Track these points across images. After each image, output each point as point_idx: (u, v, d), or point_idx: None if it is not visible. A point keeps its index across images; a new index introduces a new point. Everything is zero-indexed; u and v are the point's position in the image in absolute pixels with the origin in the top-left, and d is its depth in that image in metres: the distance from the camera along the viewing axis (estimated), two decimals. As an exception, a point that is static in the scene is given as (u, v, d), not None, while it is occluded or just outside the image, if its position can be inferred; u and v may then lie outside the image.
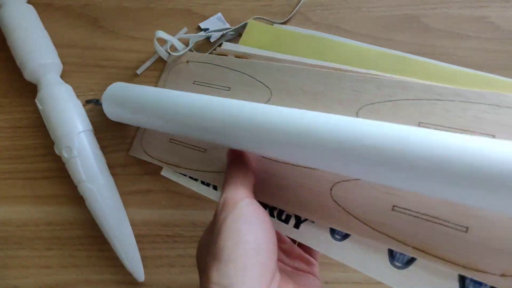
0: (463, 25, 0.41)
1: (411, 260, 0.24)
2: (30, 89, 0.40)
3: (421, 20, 0.41)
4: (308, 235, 0.28)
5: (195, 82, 0.37)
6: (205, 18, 0.42)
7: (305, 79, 0.32)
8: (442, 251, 0.23)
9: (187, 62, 0.38)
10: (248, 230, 0.24)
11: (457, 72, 0.32)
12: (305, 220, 0.28)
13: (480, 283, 0.22)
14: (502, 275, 0.21)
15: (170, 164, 0.36)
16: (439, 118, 0.26)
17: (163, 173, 0.37)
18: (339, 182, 0.27)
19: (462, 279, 0.23)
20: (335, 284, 0.36)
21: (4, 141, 0.39)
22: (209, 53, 0.40)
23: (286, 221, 0.29)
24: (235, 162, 0.29)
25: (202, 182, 0.35)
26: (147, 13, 0.42)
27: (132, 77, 0.40)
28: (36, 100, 0.37)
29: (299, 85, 0.32)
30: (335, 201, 0.27)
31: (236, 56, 0.37)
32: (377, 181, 0.22)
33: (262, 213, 0.25)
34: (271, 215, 0.29)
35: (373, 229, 0.25)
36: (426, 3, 0.41)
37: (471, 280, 0.22)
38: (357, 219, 0.26)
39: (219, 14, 0.42)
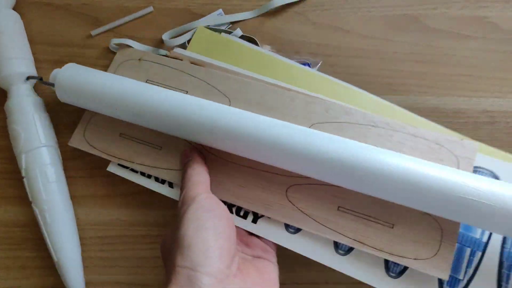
0: (463, 25, 0.41)
1: (351, 249, 0.31)
2: (29, 89, 0.39)
3: (421, 20, 0.41)
4: (265, 229, 0.33)
5: (149, 81, 0.37)
6: (205, 18, 0.42)
7: (262, 94, 0.35)
8: (374, 242, 0.30)
9: (140, 60, 0.38)
10: (208, 218, 0.27)
11: (381, 104, 0.37)
12: (262, 216, 0.33)
13: (398, 264, 0.30)
14: (415, 259, 0.29)
15: (121, 159, 0.36)
16: (373, 140, 0.32)
17: (109, 168, 0.37)
18: (293, 185, 0.33)
19: (386, 261, 0.31)
20: (336, 285, 0.36)
21: (3, 140, 0.39)
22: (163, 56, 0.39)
23: (244, 217, 0.33)
24: (192, 162, 0.32)
25: (156, 179, 0.36)
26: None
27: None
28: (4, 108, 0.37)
29: (256, 99, 0.35)
30: (290, 201, 0.32)
31: (192, 63, 0.37)
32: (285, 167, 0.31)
33: (220, 204, 0.29)
34: (230, 211, 0.33)
35: (321, 224, 0.31)
36: (426, 3, 0.41)
37: (392, 262, 0.31)
38: (308, 216, 0.32)
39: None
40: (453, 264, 0.30)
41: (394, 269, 0.31)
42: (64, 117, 0.39)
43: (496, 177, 0.32)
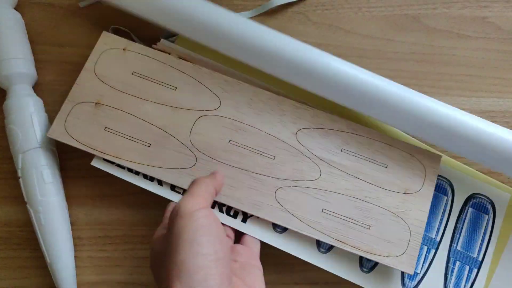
0: (464, 25, 0.41)
1: (331, 247, 0.35)
2: (30, 89, 0.39)
3: (421, 20, 0.41)
4: (254, 228, 0.34)
5: (135, 73, 0.36)
6: (205, 18, 0.42)
7: (251, 95, 0.36)
8: (353, 241, 0.34)
9: (124, 49, 0.37)
10: (207, 243, 0.26)
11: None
12: (251, 216, 0.35)
13: (370, 261, 0.35)
14: (387, 256, 0.34)
15: (107, 154, 0.35)
16: (354, 147, 0.36)
17: (93, 163, 0.35)
18: (281, 187, 0.35)
19: (360, 259, 0.35)
20: (335, 285, 0.36)
21: (1, 140, 0.39)
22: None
23: (234, 216, 0.35)
24: (210, 175, 0.33)
25: (145, 176, 0.35)
26: (147, 13, 0.42)
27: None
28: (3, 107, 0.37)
29: (245, 100, 0.36)
30: (278, 202, 0.34)
31: (180, 57, 0.37)
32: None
33: (218, 224, 0.28)
34: (220, 211, 0.35)
35: (306, 225, 0.34)
36: (427, 3, 0.41)
37: (365, 259, 0.35)
38: (295, 217, 0.34)
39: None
40: None
41: (366, 265, 0.35)
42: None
43: (452, 185, 0.37)
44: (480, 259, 0.37)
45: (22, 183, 0.35)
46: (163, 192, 0.35)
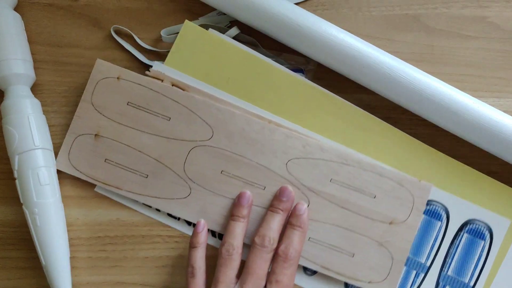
0: (464, 25, 0.41)
1: (316, 271, 0.37)
2: (30, 89, 0.39)
3: (421, 20, 0.41)
4: (245, 252, 0.36)
5: (130, 104, 0.37)
6: (205, 18, 0.42)
7: (243, 125, 0.37)
8: (337, 268, 0.36)
9: (118, 78, 0.38)
10: None
11: (363, 115, 0.38)
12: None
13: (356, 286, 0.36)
14: (369, 282, 0.36)
15: (109, 185, 0.37)
16: (343, 177, 0.36)
17: (97, 189, 0.37)
18: None
19: (346, 284, 0.37)
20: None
21: (1, 141, 0.39)
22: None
23: None
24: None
25: (144, 203, 0.37)
26: (148, 13, 0.42)
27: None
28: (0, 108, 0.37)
29: (238, 129, 0.37)
30: None
31: (173, 85, 0.37)
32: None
33: None
34: (213, 235, 0.37)
35: None
36: (427, 3, 0.41)
37: (351, 285, 0.37)
38: None
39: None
40: (400, 284, 0.37)
41: (352, 286, 0.37)
42: (62, 118, 0.39)
43: (447, 210, 0.37)
44: (472, 284, 0.37)
45: (18, 185, 0.35)
46: (161, 218, 0.37)
